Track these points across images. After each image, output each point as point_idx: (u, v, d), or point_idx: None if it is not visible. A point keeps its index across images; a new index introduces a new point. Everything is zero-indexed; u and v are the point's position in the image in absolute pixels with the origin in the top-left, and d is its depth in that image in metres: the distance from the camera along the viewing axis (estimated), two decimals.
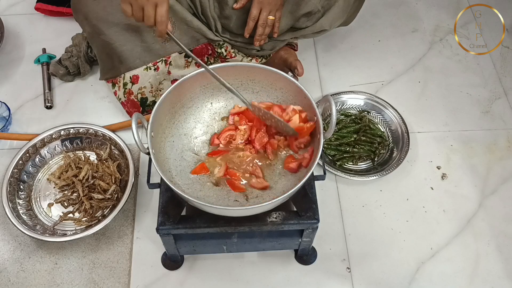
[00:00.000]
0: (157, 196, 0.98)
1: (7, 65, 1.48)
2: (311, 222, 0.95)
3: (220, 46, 1.26)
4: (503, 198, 1.25)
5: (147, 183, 0.94)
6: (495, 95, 1.45)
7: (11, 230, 1.17)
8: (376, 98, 1.38)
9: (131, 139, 1.09)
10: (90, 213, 1.17)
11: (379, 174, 1.24)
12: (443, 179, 1.28)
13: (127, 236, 1.17)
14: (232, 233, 1.02)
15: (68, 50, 1.41)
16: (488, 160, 1.32)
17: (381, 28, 1.61)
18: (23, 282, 1.11)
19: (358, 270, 1.14)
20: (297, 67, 1.29)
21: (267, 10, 1.12)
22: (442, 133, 1.37)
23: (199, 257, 1.15)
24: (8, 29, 1.54)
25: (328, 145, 1.30)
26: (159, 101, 0.93)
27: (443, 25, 1.62)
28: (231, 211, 0.90)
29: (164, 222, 0.94)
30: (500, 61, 1.54)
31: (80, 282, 1.11)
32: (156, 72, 1.24)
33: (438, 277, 1.13)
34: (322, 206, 1.04)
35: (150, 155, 0.87)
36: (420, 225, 1.20)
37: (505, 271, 1.14)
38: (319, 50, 1.54)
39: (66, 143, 1.27)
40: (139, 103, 1.28)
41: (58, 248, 1.15)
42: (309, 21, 1.22)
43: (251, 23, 1.14)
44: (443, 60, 1.53)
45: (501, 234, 1.20)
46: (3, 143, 1.32)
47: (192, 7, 1.21)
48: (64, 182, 1.20)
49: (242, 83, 1.03)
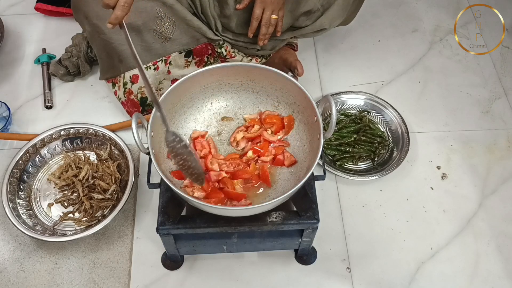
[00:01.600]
0: (157, 196, 0.98)
1: (7, 65, 1.48)
2: (311, 222, 0.95)
3: (220, 46, 1.26)
4: (503, 198, 1.25)
5: (147, 183, 0.94)
6: (495, 95, 1.45)
7: (11, 230, 1.17)
8: (376, 98, 1.38)
9: (131, 139, 1.09)
10: (90, 213, 1.17)
11: (379, 174, 1.24)
12: (443, 179, 1.28)
13: (127, 236, 1.17)
14: (232, 233, 1.02)
15: (68, 50, 1.41)
16: (488, 160, 1.32)
17: (381, 28, 1.61)
18: (23, 282, 1.11)
19: (358, 270, 1.14)
20: (297, 67, 1.29)
21: (270, 9, 1.12)
22: (442, 133, 1.37)
23: (199, 257, 1.15)
24: (8, 29, 1.54)
25: (328, 145, 1.30)
26: (159, 101, 0.93)
27: (443, 25, 1.62)
28: (231, 211, 0.90)
29: (164, 222, 0.94)
30: (500, 61, 1.54)
31: (80, 282, 1.11)
32: (156, 72, 1.24)
33: (438, 277, 1.13)
34: (322, 206, 1.04)
35: (150, 155, 0.87)
36: (420, 225, 1.20)
37: (505, 271, 1.14)
38: (319, 50, 1.54)
39: (66, 143, 1.27)
40: (139, 103, 1.28)
41: (58, 248, 1.15)
42: (308, 20, 1.22)
43: (255, 23, 1.14)
44: (443, 60, 1.53)
45: (501, 234, 1.20)
46: (3, 143, 1.32)
47: (192, 7, 1.21)
48: (64, 182, 1.20)
49: (242, 83, 1.03)
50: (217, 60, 1.29)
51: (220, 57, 1.29)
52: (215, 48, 1.27)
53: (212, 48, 1.26)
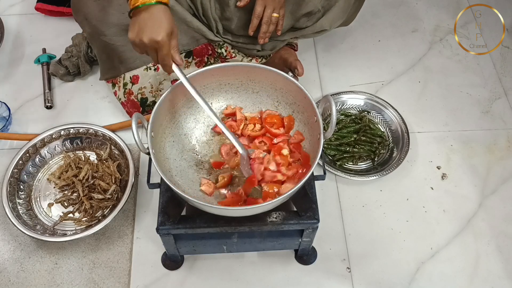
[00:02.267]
0: (157, 196, 0.98)
1: (7, 65, 1.48)
2: (311, 222, 0.95)
3: (220, 47, 1.26)
4: (503, 198, 1.25)
5: (147, 183, 0.94)
6: (495, 95, 1.45)
7: (11, 230, 1.17)
8: (376, 98, 1.38)
9: (131, 139, 1.09)
10: (90, 213, 1.17)
11: (379, 174, 1.24)
12: (443, 179, 1.28)
13: (127, 236, 1.17)
14: (232, 233, 1.02)
15: (68, 50, 1.41)
16: (488, 160, 1.32)
17: (381, 28, 1.61)
18: (23, 282, 1.11)
19: (358, 270, 1.14)
20: (297, 67, 1.28)
21: (271, 7, 1.12)
22: (442, 133, 1.37)
23: (199, 257, 1.15)
24: (8, 29, 1.54)
25: (328, 145, 1.30)
26: (159, 101, 0.93)
27: (443, 25, 1.62)
28: (231, 211, 0.90)
29: (164, 222, 0.94)
30: (500, 61, 1.54)
31: (80, 282, 1.11)
32: (156, 72, 1.23)
33: (438, 277, 1.13)
34: (322, 206, 1.04)
35: (150, 155, 0.87)
36: (420, 225, 1.20)
37: (505, 271, 1.14)
38: (319, 50, 1.54)
39: (66, 143, 1.27)
40: (139, 103, 1.28)
41: (58, 248, 1.15)
42: (309, 21, 1.22)
43: (256, 21, 1.14)
44: (443, 60, 1.53)
45: (501, 234, 1.20)
46: (3, 143, 1.32)
47: (193, 8, 1.21)
48: (64, 182, 1.20)
49: (242, 83, 1.03)
50: (217, 60, 1.29)
51: (220, 58, 1.29)
52: (215, 49, 1.27)
53: (212, 48, 1.26)
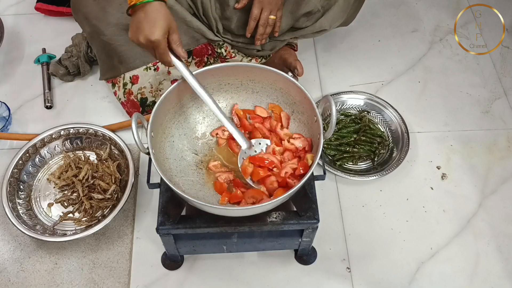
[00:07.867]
0: (157, 196, 0.98)
1: (7, 65, 1.48)
2: (311, 222, 0.95)
3: (220, 46, 1.26)
4: (503, 198, 1.25)
5: (147, 183, 0.94)
6: (495, 95, 1.45)
7: (11, 230, 1.17)
8: (376, 98, 1.38)
9: (131, 139, 1.09)
10: (90, 213, 1.17)
11: (379, 174, 1.24)
12: (443, 179, 1.28)
13: (127, 236, 1.17)
14: (232, 233, 1.02)
15: (68, 50, 1.41)
16: (488, 160, 1.32)
17: (381, 28, 1.61)
18: (23, 282, 1.11)
19: (358, 270, 1.14)
20: (297, 67, 1.29)
21: (268, 9, 1.12)
22: (442, 133, 1.37)
23: (199, 257, 1.15)
24: (8, 29, 1.53)
25: (328, 145, 1.30)
26: (159, 101, 0.93)
27: (443, 25, 1.62)
28: (231, 211, 0.90)
29: (164, 222, 0.94)
30: (500, 61, 1.54)
31: (80, 282, 1.11)
32: (156, 72, 1.23)
33: (438, 277, 1.13)
34: (322, 206, 1.04)
35: (150, 155, 0.87)
36: (420, 225, 1.20)
37: (505, 271, 1.14)
38: (319, 50, 1.54)
39: (66, 143, 1.27)
40: (139, 103, 1.28)
41: (58, 248, 1.15)
42: (309, 21, 1.22)
43: (253, 23, 1.14)
44: (443, 60, 1.53)
45: (501, 234, 1.20)
46: (3, 143, 1.32)
47: (193, 7, 1.21)
48: (64, 182, 1.20)
49: (242, 83, 1.03)
50: (217, 60, 1.29)
51: (220, 58, 1.29)
52: (215, 49, 1.27)
53: (212, 48, 1.26)
